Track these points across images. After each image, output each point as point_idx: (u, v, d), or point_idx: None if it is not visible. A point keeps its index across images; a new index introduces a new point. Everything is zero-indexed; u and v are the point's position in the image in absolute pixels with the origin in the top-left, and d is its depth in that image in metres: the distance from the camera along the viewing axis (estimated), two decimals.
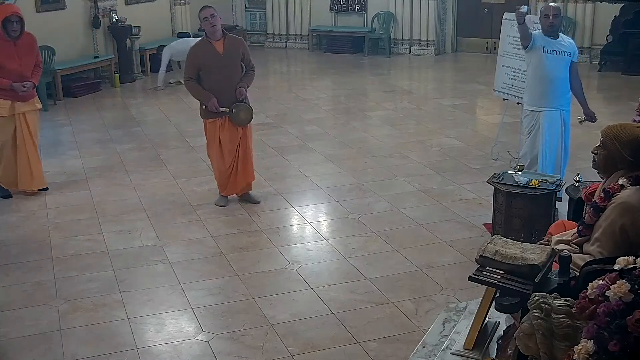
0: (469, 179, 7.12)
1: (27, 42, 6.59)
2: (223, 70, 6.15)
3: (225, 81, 6.16)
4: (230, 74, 6.20)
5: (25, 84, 6.52)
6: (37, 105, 6.84)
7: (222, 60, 6.14)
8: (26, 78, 6.56)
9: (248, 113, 6.30)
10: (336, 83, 12.34)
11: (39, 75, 6.81)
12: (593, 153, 3.73)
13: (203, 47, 6.19)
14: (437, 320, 3.96)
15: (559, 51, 5.99)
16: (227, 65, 6.17)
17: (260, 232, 5.95)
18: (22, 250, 5.66)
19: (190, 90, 6.31)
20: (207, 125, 6.35)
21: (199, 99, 6.27)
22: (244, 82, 6.29)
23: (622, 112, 9.12)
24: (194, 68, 6.19)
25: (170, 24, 14.05)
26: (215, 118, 6.25)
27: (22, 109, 6.64)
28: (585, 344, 2.45)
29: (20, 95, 6.54)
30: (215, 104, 6.11)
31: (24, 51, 6.54)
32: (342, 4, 15.24)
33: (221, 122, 6.26)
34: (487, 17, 14.20)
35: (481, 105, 10.69)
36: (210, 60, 6.13)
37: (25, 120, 6.68)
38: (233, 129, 6.29)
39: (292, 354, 4.18)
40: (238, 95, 6.21)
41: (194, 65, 6.19)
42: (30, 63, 6.63)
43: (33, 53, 6.69)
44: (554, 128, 6.07)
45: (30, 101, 6.71)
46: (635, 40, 12.03)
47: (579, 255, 3.52)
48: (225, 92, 6.16)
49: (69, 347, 4.28)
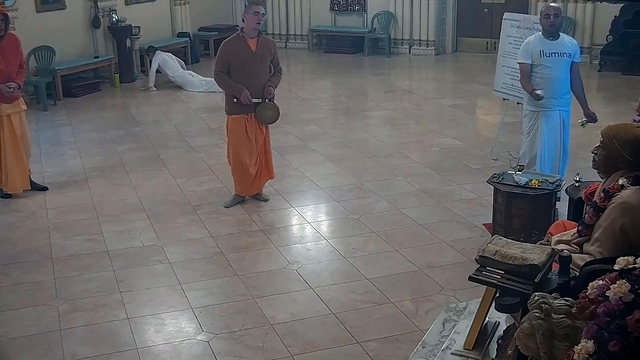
0: (469, 179, 7.12)
1: (12, 43, 6.52)
2: (253, 67, 6.20)
3: (254, 78, 6.21)
4: (258, 72, 6.25)
5: (10, 84, 6.45)
6: (22, 107, 6.75)
7: (253, 57, 6.20)
8: (11, 79, 6.50)
9: (275, 111, 6.35)
10: (336, 83, 12.34)
11: (24, 76, 6.77)
12: (593, 153, 3.74)
13: (236, 43, 6.23)
14: (437, 320, 3.96)
15: (558, 52, 5.99)
16: (258, 63, 6.23)
17: (260, 232, 5.95)
18: (22, 250, 5.66)
19: (220, 83, 6.35)
20: (231, 122, 6.34)
21: (230, 91, 6.27)
22: (272, 81, 6.35)
23: (622, 112, 9.12)
24: (225, 62, 6.23)
25: (170, 24, 14.06)
26: (241, 114, 6.26)
27: (7, 111, 6.56)
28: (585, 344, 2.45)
29: (5, 97, 6.47)
30: (248, 95, 6.14)
31: (8, 51, 6.46)
32: (342, 4, 15.24)
33: (247, 118, 6.28)
34: (487, 17, 14.20)
35: (481, 105, 10.69)
36: (242, 56, 6.18)
37: (10, 122, 6.60)
38: (258, 127, 6.34)
39: (292, 354, 4.18)
40: (266, 94, 6.26)
41: (225, 59, 6.23)
42: (15, 63, 6.56)
43: (17, 53, 6.62)
44: (553, 128, 6.07)
45: (15, 103, 6.63)
46: (635, 40, 12.03)
47: (579, 255, 3.52)
48: (253, 89, 6.19)
49: (69, 347, 4.28)
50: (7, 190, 6.75)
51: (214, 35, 14.49)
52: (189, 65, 13.59)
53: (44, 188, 6.98)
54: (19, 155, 6.72)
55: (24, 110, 6.82)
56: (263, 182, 6.61)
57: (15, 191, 6.76)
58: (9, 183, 6.71)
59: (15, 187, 6.75)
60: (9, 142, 6.64)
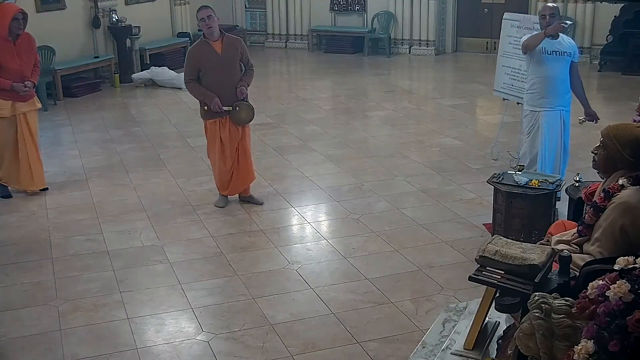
0: (469, 179, 7.12)
1: (26, 41, 6.60)
2: (222, 70, 6.15)
3: (225, 81, 6.16)
4: (229, 73, 6.20)
5: (27, 83, 6.55)
6: (37, 105, 6.86)
7: (220, 60, 6.14)
8: (26, 77, 6.58)
9: (249, 112, 6.30)
10: (336, 83, 12.34)
11: (38, 74, 6.83)
12: (593, 153, 3.73)
13: (201, 48, 6.18)
14: (437, 320, 3.95)
15: (558, 51, 5.99)
16: (226, 65, 6.17)
17: (260, 232, 5.95)
18: (22, 250, 5.66)
19: (191, 91, 6.30)
20: (208, 125, 6.34)
21: (201, 99, 6.25)
22: (244, 81, 6.30)
23: (622, 112, 9.12)
24: (194, 69, 6.18)
25: (170, 24, 14.05)
26: (216, 118, 6.24)
27: (23, 109, 6.66)
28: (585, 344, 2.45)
29: (21, 96, 6.55)
30: (218, 103, 6.11)
31: (23, 50, 6.55)
32: (342, 4, 15.24)
33: (222, 122, 6.26)
34: (487, 17, 14.20)
35: (481, 105, 10.69)
36: (209, 61, 6.13)
37: (25, 120, 6.70)
38: (234, 128, 6.29)
39: (292, 354, 4.18)
40: (239, 95, 6.21)
41: (193, 66, 6.19)
42: (29, 62, 6.64)
43: (32, 52, 6.70)
44: (554, 128, 6.07)
45: (30, 101, 6.73)
46: (635, 40, 12.03)
47: (579, 255, 3.52)
48: (225, 91, 6.16)
49: (69, 347, 4.28)
50: (35, 187, 6.82)
51: None
52: None
53: (44, 188, 6.99)
54: (37, 152, 6.88)
55: (39, 108, 6.91)
56: (241, 183, 6.49)
57: (42, 187, 6.88)
58: (35, 179, 6.81)
59: (42, 183, 6.90)
60: (29, 139, 6.75)
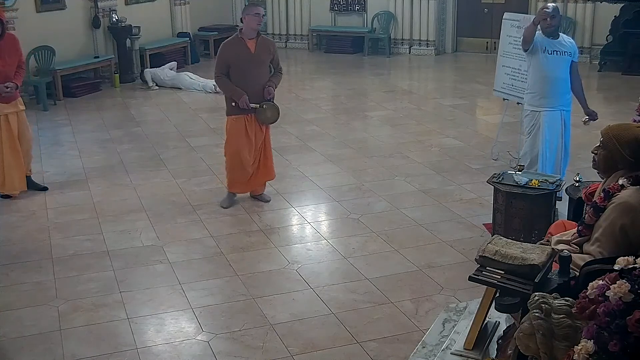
0: (469, 179, 7.12)
1: (10, 43, 6.53)
2: (252, 68, 6.20)
3: (253, 79, 6.21)
4: (258, 72, 6.25)
5: (8, 84, 6.45)
6: (20, 107, 6.74)
7: (252, 58, 6.19)
8: (9, 79, 6.50)
9: (275, 112, 6.36)
10: (336, 83, 12.34)
11: (22, 76, 6.76)
12: (593, 153, 3.73)
13: (235, 44, 6.23)
14: (437, 320, 3.95)
15: (559, 51, 5.99)
16: (257, 64, 6.23)
17: (260, 232, 5.95)
18: (22, 250, 5.66)
19: (221, 86, 6.37)
20: (230, 122, 6.36)
21: (229, 95, 6.28)
22: (272, 82, 6.35)
23: (622, 112, 9.12)
24: (224, 64, 6.23)
25: (170, 24, 14.05)
26: (241, 115, 6.27)
27: (5, 111, 6.56)
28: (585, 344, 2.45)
29: (2, 97, 6.48)
30: (246, 100, 6.14)
31: (6, 52, 6.47)
32: (342, 4, 15.24)
33: (247, 119, 6.29)
34: (487, 17, 14.20)
35: (481, 105, 10.68)
36: (241, 57, 6.17)
37: (7, 122, 6.60)
38: (258, 127, 6.34)
39: (292, 354, 4.18)
40: (266, 95, 6.27)
41: (224, 61, 6.23)
42: (13, 64, 6.57)
43: (16, 54, 6.62)
44: (554, 128, 6.07)
45: (13, 103, 6.63)
46: (635, 40, 12.03)
47: (579, 255, 3.52)
48: (253, 90, 6.20)
49: (69, 347, 4.28)
50: (5, 191, 6.74)
51: (213, 35, 14.49)
52: (189, 65, 13.61)
53: (44, 188, 6.98)
54: (17, 155, 6.70)
55: (22, 110, 6.79)
56: (261, 182, 6.60)
57: (14, 192, 6.75)
58: (6, 184, 6.70)
59: (13, 187, 6.74)
60: (7, 142, 6.64)
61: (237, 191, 6.56)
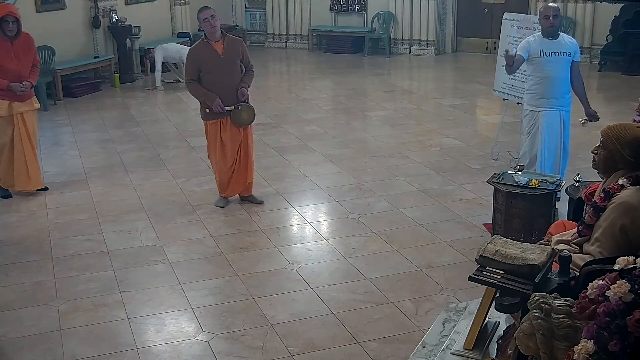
0: (469, 179, 7.12)
1: (25, 42, 6.59)
2: (223, 70, 6.14)
3: (226, 81, 6.16)
4: (230, 74, 6.20)
5: (24, 83, 6.54)
6: (35, 105, 6.84)
7: (222, 60, 6.14)
8: (24, 78, 6.56)
9: (250, 113, 6.30)
10: (336, 83, 12.34)
11: (37, 75, 6.81)
12: (593, 153, 3.73)
13: (202, 48, 6.18)
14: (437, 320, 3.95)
15: (558, 52, 5.99)
16: (227, 66, 6.17)
17: (260, 232, 5.95)
18: (22, 250, 5.66)
19: (192, 92, 6.30)
20: (208, 126, 6.33)
21: (202, 100, 6.24)
22: (244, 82, 6.30)
23: (622, 112, 9.12)
24: (195, 69, 6.18)
25: (170, 24, 14.06)
26: (217, 119, 6.24)
27: (20, 109, 6.64)
28: (585, 344, 2.44)
29: (18, 96, 6.54)
30: (219, 104, 6.11)
31: (21, 51, 6.54)
32: (342, 4, 15.24)
33: (223, 122, 6.26)
34: (487, 17, 14.20)
35: (481, 105, 10.69)
36: (210, 61, 6.13)
37: (23, 120, 6.68)
38: (235, 129, 6.29)
39: (292, 354, 4.18)
40: (240, 96, 6.21)
41: (194, 66, 6.19)
42: (28, 63, 6.63)
43: (31, 53, 6.68)
44: (554, 128, 6.07)
45: (28, 101, 6.71)
46: (635, 40, 12.03)
47: (579, 255, 3.52)
48: (226, 92, 6.16)
49: (69, 347, 4.28)
50: (29, 188, 6.80)
51: None
52: None
53: (44, 188, 6.99)
54: (34, 152, 6.84)
55: (37, 109, 6.89)
56: (242, 184, 6.49)
57: (38, 187, 6.85)
58: (32, 180, 6.79)
59: (38, 183, 6.87)
60: (26, 140, 6.73)
61: (225, 194, 6.52)
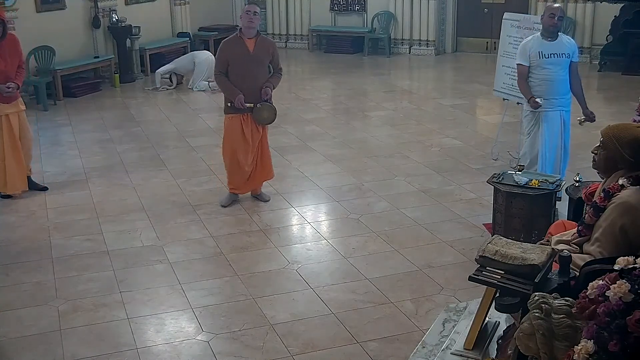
0: (469, 179, 7.12)
1: (11, 43, 6.56)
2: (250, 68, 6.20)
3: (251, 79, 6.21)
4: (256, 72, 6.25)
5: (9, 84, 6.48)
6: (21, 107, 6.76)
7: (251, 58, 6.19)
8: (10, 79, 6.52)
9: (271, 112, 6.34)
10: (336, 83, 12.34)
11: (23, 76, 6.79)
12: (593, 153, 3.73)
13: (234, 43, 6.24)
14: (437, 320, 3.95)
15: (557, 54, 6.00)
16: (255, 64, 6.22)
17: (260, 232, 5.95)
18: (22, 250, 5.66)
19: (219, 84, 6.41)
20: (227, 121, 6.38)
21: (226, 94, 6.31)
22: (270, 82, 6.34)
23: (622, 112, 9.12)
24: (224, 62, 6.24)
25: (170, 24, 14.05)
26: (237, 114, 6.27)
27: (5, 111, 6.58)
28: (585, 344, 2.44)
29: (3, 97, 6.50)
30: (241, 100, 6.15)
31: (8, 52, 6.50)
32: (342, 4, 15.24)
33: (243, 118, 6.29)
34: (487, 17, 14.20)
35: (481, 105, 10.68)
36: (239, 57, 6.18)
37: (8, 122, 6.61)
38: (254, 127, 6.33)
39: (292, 354, 4.18)
40: (263, 95, 6.26)
41: (223, 59, 6.25)
42: (14, 64, 6.59)
43: (17, 54, 6.66)
44: (554, 128, 6.07)
45: (14, 103, 6.65)
46: (635, 40, 12.02)
47: (579, 255, 3.52)
48: (250, 89, 6.20)
49: (69, 347, 4.28)
50: (6, 191, 6.74)
51: (214, 35, 14.49)
52: None
53: (44, 188, 6.98)
54: (18, 155, 6.72)
55: (23, 110, 6.81)
56: (259, 181, 6.59)
57: (15, 192, 6.76)
58: (8, 184, 6.71)
59: (15, 187, 6.75)
60: (8, 142, 6.65)
61: (237, 192, 6.56)
